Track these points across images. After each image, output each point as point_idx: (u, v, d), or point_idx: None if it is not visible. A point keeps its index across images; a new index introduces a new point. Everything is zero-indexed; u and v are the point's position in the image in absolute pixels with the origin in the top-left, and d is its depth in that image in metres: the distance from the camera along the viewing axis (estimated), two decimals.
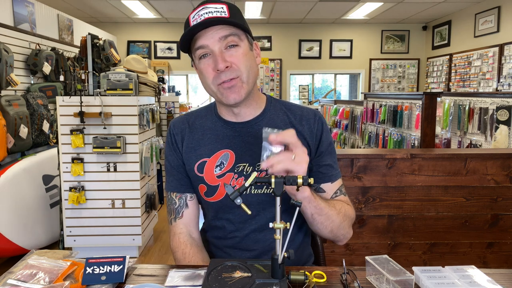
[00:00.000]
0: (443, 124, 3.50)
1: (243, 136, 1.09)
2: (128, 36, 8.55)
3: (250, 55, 1.02)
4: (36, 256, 0.95)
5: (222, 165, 1.08)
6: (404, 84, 8.88)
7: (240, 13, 1.02)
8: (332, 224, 1.02)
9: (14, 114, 3.01)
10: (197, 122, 1.15)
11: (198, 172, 1.09)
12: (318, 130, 1.11)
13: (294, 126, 1.10)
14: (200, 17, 0.96)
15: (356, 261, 2.20)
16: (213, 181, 1.07)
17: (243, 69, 0.99)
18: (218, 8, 0.97)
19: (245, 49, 1.00)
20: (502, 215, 2.18)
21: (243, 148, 1.08)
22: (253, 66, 1.03)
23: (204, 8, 0.97)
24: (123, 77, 2.93)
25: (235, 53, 0.98)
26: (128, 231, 3.05)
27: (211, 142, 1.10)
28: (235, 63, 0.98)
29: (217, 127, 1.12)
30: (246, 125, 1.10)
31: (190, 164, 1.11)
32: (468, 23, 7.11)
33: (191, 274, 0.92)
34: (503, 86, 5.96)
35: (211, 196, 1.08)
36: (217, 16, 0.96)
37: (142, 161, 3.02)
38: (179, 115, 1.24)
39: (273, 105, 1.14)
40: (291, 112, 1.14)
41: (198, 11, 0.98)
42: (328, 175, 1.11)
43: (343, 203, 1.10)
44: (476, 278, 0.86)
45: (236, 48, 0.99)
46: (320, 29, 8.70)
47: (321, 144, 1.11)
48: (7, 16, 3.79)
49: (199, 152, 1.10)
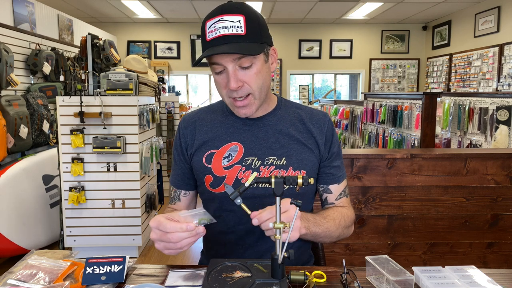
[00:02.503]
0: (443, 124, 3.50)
1: (253, 130, 1.11)
2: (128, 36, 8.55)
3: (264, 69, 1.03)
4: (36, 256, 0.95)
5: (230, 157, 1.09)
6: (404, 84, 8.87)
7: (257, 25, 0.99)
8: (330, 238, 1.07)
9: (14, 114, 3.01)
10: (208, 116, 1.17)
11: (206, 163, 1.11)
12: (329, 131, 1.14)
13: (305, 123, 1.13)
14: (216, 31, 0.95)
15: (356, 261, 2.20)
16: (220, 172, 1.09)
17: (255, 88, 1.01)
18: (235, 22, 0.95)
19: (259, 67, 1.00)
20: (502, 215, 2.18)
21: (252, 141, 1.10)
22: (266, 80, 1.05)
23: (220, 20, 0.95)
24: (123, 77, 2.93)
25: (249, 73, 0.99)
26: (128, 231, 3.05)
27: (220, 134, 1.12)
28: (248, 82, 1.00)
29: (228, 120, 1.14)
30: (257, 121, 1.12)
31: (198, 155, 1.12)
32: (468, 23, 7.11)
33: (191, 274, 0.92)
34: (503, 86, 5.96)
35: (216, 187, 1.09)
36: (232, 34, 0.95)
37: (142, 161, 3.02)
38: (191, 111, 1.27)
39: (284, 104, 1.18)
40: (302, 110, 1.17)
41: (214, 23, 0.96)
42: (336, 176, 1.14)
43: (343, 209, 1.12)
44: (476, 278, 0.86)
45: (250, 68, 0.99)
46: (320, 29, 8.70)
47: (333, 146, 1.14)
48: (7, 16, 3.79)
49: (208, 144, 1.12)
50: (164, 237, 0.86)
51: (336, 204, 1.16)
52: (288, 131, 1.11)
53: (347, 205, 1.17)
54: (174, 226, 0.85)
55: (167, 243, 0.87)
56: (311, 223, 0.98)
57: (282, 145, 1.09)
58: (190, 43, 8.56)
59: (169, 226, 0.85)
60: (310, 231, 0.96)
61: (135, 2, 6.73)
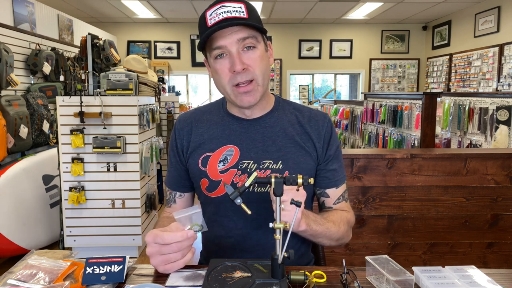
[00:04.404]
0: (443, 124, 3.50)
1: (249, 133, 1.09)
2: (128, 36, 8.55)
3: (266, 57, 1.03)
4: (36, 256, 0.95)
5: (225, 161, 1.07)
6: (404, 84, 8.87)
7: (256, 13, 1.01)
8: (330, 240, 1.04)
9: (14, 114, 3.01)
10: (204, 117, 1.15)
11: (201, 166, 1.09)
12: (327, 133, 1.11)
13: (303, 126, 1.11)
14: (218, 15, 0.95)
15: (356, 261, 2.20)
16: (215, 176, 1.07)
17: (259, 72, 1.00)
18: (237, 7, 0.96)
19: (261, 52, 1.00)
20: (502, 215, 2.18)
21: (248, 145, 1.08)
22: (268, 68, 1.04)
23: (222, 6, 0.95)
24: (123, 77, 2.93)
25: (252, 56, 0.98)
26: (128, 231, 3.05)
27: (216, 137, 1.10)
28: (252, 66, 0.98)
29: (224, 122, 1.12)
30: (253, 122, 1.10)
31: (194, 158, 1.11)
32: (468, 23, 7.11)
33: (192, 274, 0.92)
34: (503, 86, 5.96)
35: (212, 191, 1.08)
36: (236, 17, 0.95)
37: (142, 161, 3.02)
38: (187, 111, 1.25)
39: (281, 105, 1.15)
40: (300, 112, 1.14)
41: (215, 9, 0.96)
42: (333, 180, 1.11)
43: (343, 212, 1.10)
44: (476, 278, 0.86)
45: (253, 50, 0.99)
46: (320, 29, 8.70)
47: (330, 148, 1.11)
48: (7, 16, 3.79)
49: (203, 147, 1.10)
50: (164, 249, 0.85)
51: (335, 208, 1.13)
52: (285, 133, 1.09)
53: (347, 209, 1.13)
54: (172, 237, 0.84)
55: (166, 256, 0.85)
56: (311, 220, 0.96)
57: (278, 148, 1.07)
58: (190, 43, 8.56)
59: (167, 237, 0.84)
60: (310, 227, 0.95)
61: (135, 2, 6.73)
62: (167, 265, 0.87)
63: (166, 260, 0.86)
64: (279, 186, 0.82)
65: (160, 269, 0.88)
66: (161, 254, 0.86)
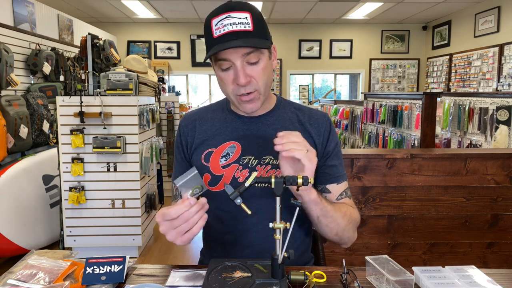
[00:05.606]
0: (443, 124, 3.50)
1: (251, 129, 1.13)
2: (128, 36, 8.55)
3: (269, 65, 1.05)
4: (36, 256, 0.95)
5: (227, 156, 1.10)
6: (404, 84, 8.87)
7: (262, 20, 1.01)
8: (337, 227, 1.04)
9: (14, 114, 3.01)
10: (208, 115, 1.19)
11: (204, 161, 1.12)
12: (326, 130, 1.14)
13: (303, 124, 1.14)
14: (224, 27, 0.96)
15: (356, 261, 2.20)
16: (217, 170, 1.10)
17: (262, 84, 1.02)
18: (242, 18, 0.96)
19: (265, 63, 1.02)
20: (502, 215, 2.18)
21: (250, 141, 1.11)
22: (270, 76, 1.06)
23: (228, 17, 0.96)
24: (123, 77, 2.93)
25: (256, 68, 1.00)
26: (128, 231, 3.05)
27: (219, 134, 1.14)
28: (255, 78, 1.01)
29: (227, 120, 1.15)
30: (255, 120, 1.14)
31: (197, 154, 1.14)
32: (468, 23, 7.11)
33: (192, 274, 0.92)
34: (503, 86, 5.96)
35: (214, 186, 1.10)
36: (241, 30, 0.96)
37: (142, 161, 3.02)
38: (192, 110, 1.28)
39: (283, 104, 1.19)
40: (301, 111, 1.18)
41: (221, 20, 0.96)
42: (334, 176, 1.13)
43: (348, 206, 1.11)
44: (476, 278, 0.86)
45: (257, 63, 1.00)
46: (320, 29, 8.69)
47: (328, 144, 1.13)
48: (7, 16, 3.79)
49: (207, 143, 1.14)
50: (174, 223, 0.86)
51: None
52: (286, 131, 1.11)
53: (351, 205, 1.14)
54: (177, 209, 0.85)
55: (179, 228, 0.86)
56: (321, 198, 0.99)
57: None
58: (190, 43, 8.56)
59: (172, 211, 0.85)
60: (321, 200, 0.98)
61: (135, 2, 6.73)
62: (184, 236, 0.87)
63: (180, 232, 0.87)
64: (279, 186, 0.82)
65: (178, 241, 0.88)
66: (174, 228, 0.87)
